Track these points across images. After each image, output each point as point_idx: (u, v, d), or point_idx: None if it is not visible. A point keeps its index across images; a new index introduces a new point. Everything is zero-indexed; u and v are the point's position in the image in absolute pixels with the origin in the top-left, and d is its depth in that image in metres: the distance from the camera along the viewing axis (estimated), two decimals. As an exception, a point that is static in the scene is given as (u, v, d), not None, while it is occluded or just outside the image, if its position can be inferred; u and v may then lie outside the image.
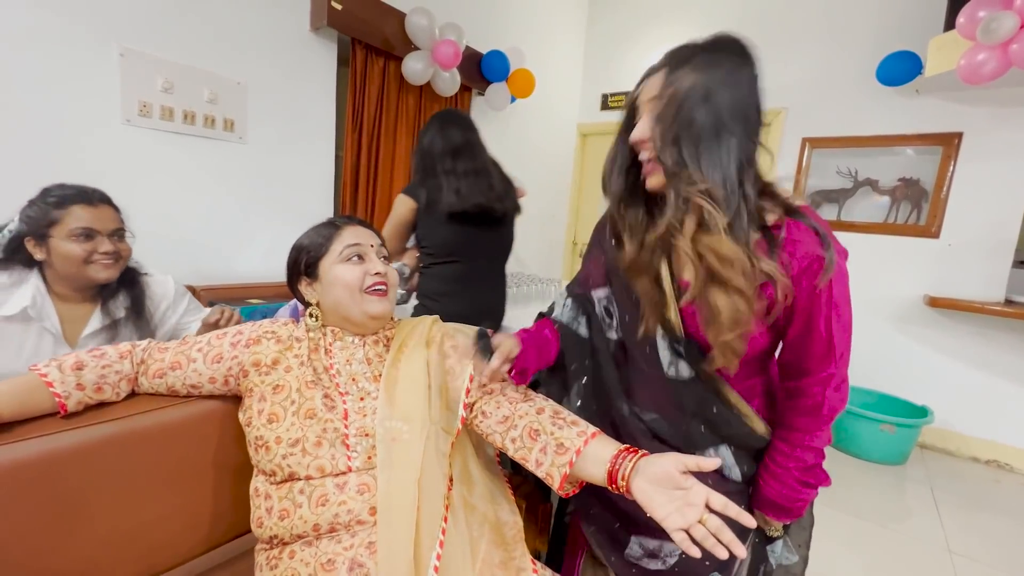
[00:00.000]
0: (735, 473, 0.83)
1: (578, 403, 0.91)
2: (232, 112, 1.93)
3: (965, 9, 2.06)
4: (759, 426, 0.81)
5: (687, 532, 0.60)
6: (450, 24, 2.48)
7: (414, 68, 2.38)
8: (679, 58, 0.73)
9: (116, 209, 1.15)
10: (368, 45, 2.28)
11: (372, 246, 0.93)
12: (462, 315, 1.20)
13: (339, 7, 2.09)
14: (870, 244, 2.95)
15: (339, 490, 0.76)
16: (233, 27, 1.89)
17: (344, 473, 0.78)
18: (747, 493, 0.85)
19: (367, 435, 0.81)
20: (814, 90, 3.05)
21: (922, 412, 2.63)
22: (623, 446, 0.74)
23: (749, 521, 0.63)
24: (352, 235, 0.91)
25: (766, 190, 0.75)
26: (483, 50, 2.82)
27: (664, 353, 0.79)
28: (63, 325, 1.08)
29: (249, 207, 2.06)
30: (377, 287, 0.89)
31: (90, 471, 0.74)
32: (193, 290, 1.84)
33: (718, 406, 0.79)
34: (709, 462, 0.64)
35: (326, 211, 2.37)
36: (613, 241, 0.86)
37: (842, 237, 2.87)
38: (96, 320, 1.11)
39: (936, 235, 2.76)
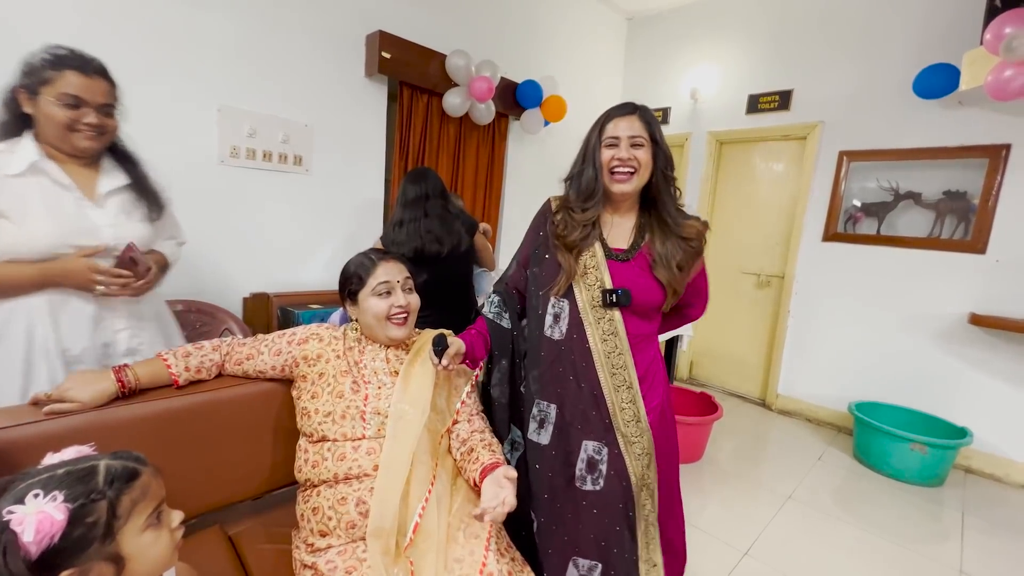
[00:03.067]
0: None
1: (495, 380, 1.26)
2: (301, 149, 2.34)
3: (992, 24, 2.03)
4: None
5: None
6: (486, 61, 2.78)
7: (453, 102, 2.70)
8: (648, 112, 1.13)
9: (111, 84, 1.10)
10: (413, 85, 2.63)
11: (398, 281, 1.19)
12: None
13: (388, 56, 2.45)
14: (912, 259, 2.87)
15: (354, 451, 1.05)
16: (301, 78, 2.30)
17: (360, 439, 1.07)
18: None
19: (379, 413, 1.09)
20: (851, 103, 3.03)
21: (962, 433, 2.54)
22: (491, 463, 1.07)
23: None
24: (384, 272, 1.18)
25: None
26: (519, 79, 3.09)
27: (549, 317, 1.17)
28: (75, 182, 1.07)
29: (313, 227, 2.46)
30: (398, 316, 1.17)
31: (193, 424, 1.08)
32: (265, 296, 2.25)
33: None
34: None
35: (377, 229, 2.74)
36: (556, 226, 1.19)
37: (883, 252, 2.90)
38: (107, 181, 1.12)
39: (983, 251, 2.65)
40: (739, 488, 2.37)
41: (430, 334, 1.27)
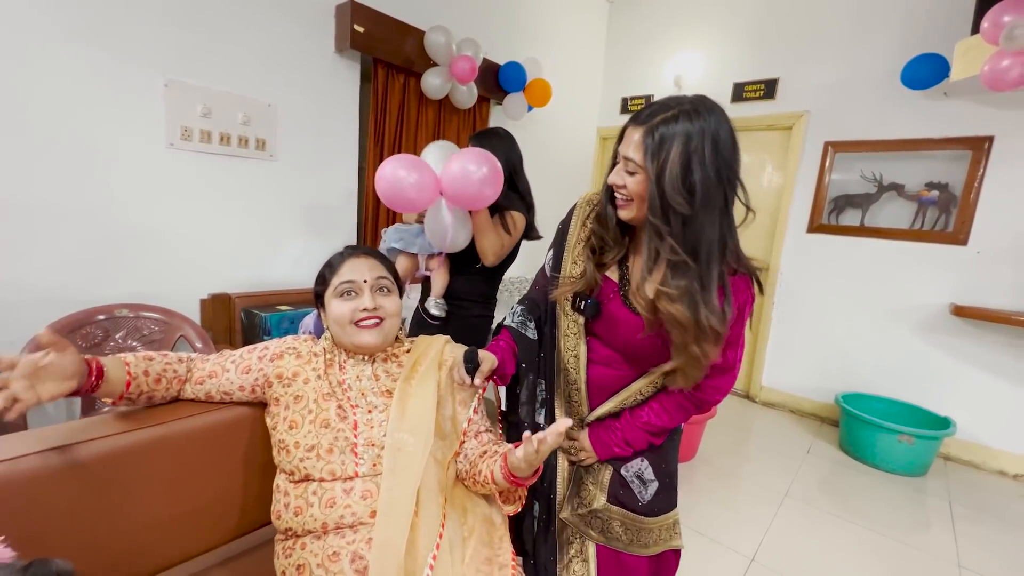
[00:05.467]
0: None
1: (525, 396, 1.07)
2: (263, 132, 2.09)
3: (990, 13, 2.00)
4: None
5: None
6: (467, 39, 2.57)
7: (432, 83, 2.49)
8: (659, 119, 0.77)
9: None
10: (388, 63, 2.40)
11: (366, 281, 0.99)
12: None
13: (361, 30, 2.21)
14: (894, 250, 2.89)
15: (345, 494, 0.87)
16: (263, 53, 2.04)
17: (351, 478, 0.89)
18: None
19: (373, 445, 0.92)
20: (837, 93, 3.00)
21: (944, 423, 2.58)
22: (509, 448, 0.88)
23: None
24: (349, 271, 0.99)
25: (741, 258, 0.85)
26: (502, 61, 2.89)
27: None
28: None
29: (279, 219, 2.21)
30: (365, 321, 0.97)
31: (140, 467, 0.88)
32: (227, 297, 2.01)
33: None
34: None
35: (351, 222, 2.52)
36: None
37: (865, 243, 2.83)
38: None
39: (964, 242, 2.68)
40: (735, 487, 2.32)
41: (428, 342, 1.09)
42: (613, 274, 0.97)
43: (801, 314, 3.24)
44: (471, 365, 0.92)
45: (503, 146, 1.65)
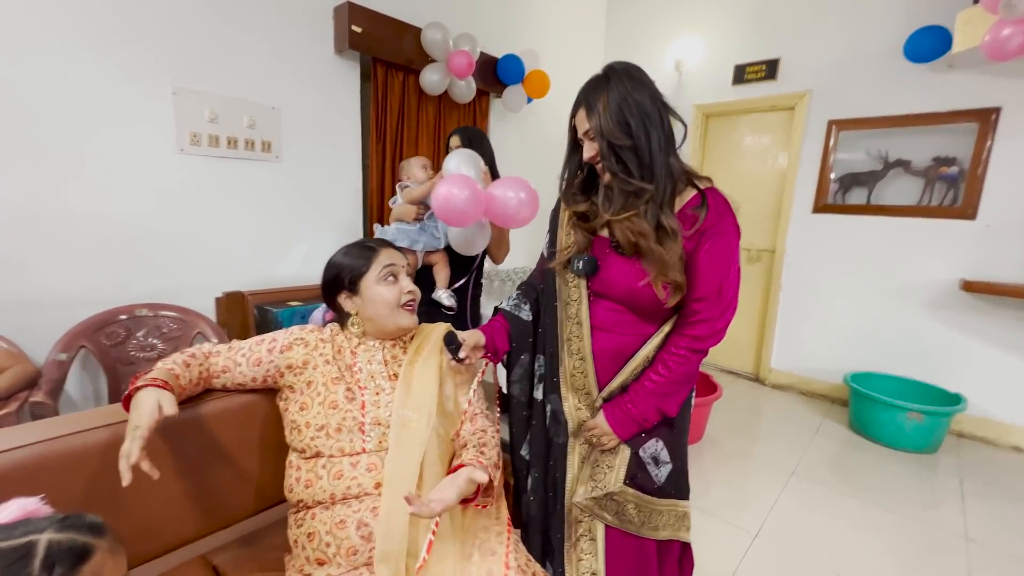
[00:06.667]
0: None
1: (516, 376, 1.15)
2: (269, 134, 2.16)
3: (990, -18, 1.97)
4: None
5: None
6: (464, 35, 2.61)
7: (431, 79, 2.53)
8: (590, 91, 0.95)
9: None
10: (387, 62, 2.45)
11: (403, 267, 1.09)
12: None
13: (359, 30, 2.27)
14: (903, 227, 2.86)
15: (352, 467, 0.93)
16: (266, 57, 2.11)
17: (358, 454, 0.95)
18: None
19: (379, 424, 0.98)
20: (839, 71, 2.97)
21: (955, 399, 2.56)
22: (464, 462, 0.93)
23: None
24: (387, 257, 1.07)
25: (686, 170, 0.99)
26: (499, 54, 2.92)
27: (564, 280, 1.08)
28: None
29: (287, 218, 2.29)
30: (409, 303, 1.07)
31: (165, 447, 0.95)
32: (240, 295, 2.09)
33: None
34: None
35: (356, 218, 2.59)
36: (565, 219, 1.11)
37: (872, 222, 2.80)
38: None
39: (973, 216, 2.64)
40: (742, 467, 2.35)
41: (430, 329, 1.15)
42: (604, 233, 1.04)
43: (809, 295, 3.23)
44: (453, 347, 0.98)
45: (489, 148, 1.81)
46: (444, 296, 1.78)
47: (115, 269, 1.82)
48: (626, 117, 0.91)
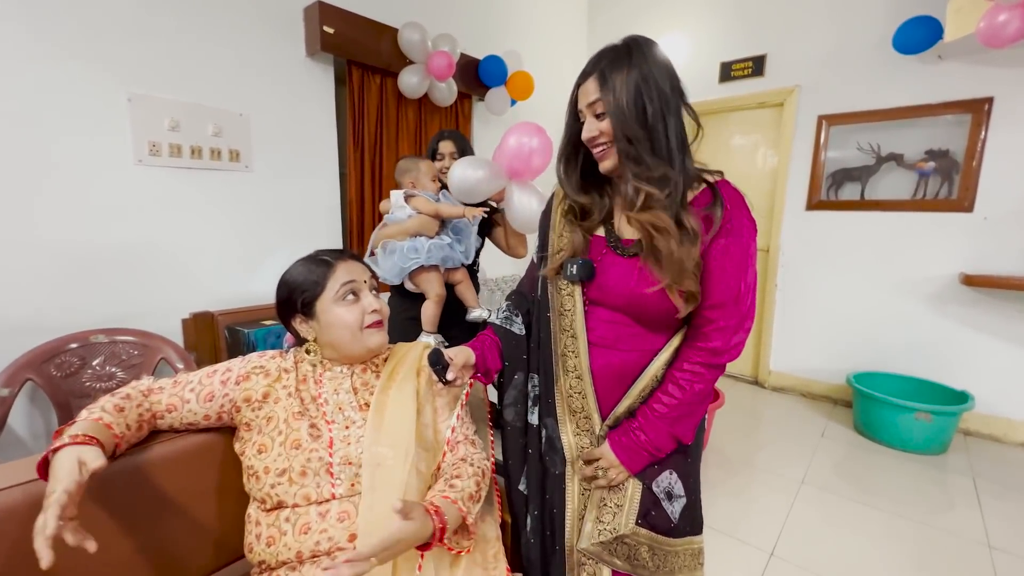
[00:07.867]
0: None
1: (509, 399, 1.02)
2: (237, 143, 2.02)
3: (982, -33, 1.92)
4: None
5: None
6: (443, 35, 2.50)
7: (409, 82, 2.42)
8: (606, 62, 0.82)
9: None
10: (363, 64, 2.33)
11: (364, 281, 0.95)
12: None
13: (331, 31, 2.15)
14: (898, 222, 2.80)
15: (321, 518, 0.80)
16: (231, 62, 1.98)
17: (327, 501, 0.82)
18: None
19: (350, 463, 0.84)
20: (828, 64, 2.92)
21: (962, 397, 2.49)
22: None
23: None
24: (345, 272, 0.93)
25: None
26: (480, 55, 2.82)
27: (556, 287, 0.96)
28: None
29: (259, 231, 2.14)
30: (375, 324, 0.93)
31: (107, 502, 0.80)
32: (209, 316, 1.94)
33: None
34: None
35: (335, 229, 2.45)
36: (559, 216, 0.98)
37: (867, 217, 2.71)
38: None
39: (969, 209, 2.59)
40: (748, 477, 2.24)
41: (406, 349, 1.02)
42: (601, 232, 0.92)
43: (806, 294, 3.16)
44: (439, 367, 0.86)
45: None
46: (482, 313, 1.65)
47: (66, 293, 1.66)
48: (644, 102, 0.79)
